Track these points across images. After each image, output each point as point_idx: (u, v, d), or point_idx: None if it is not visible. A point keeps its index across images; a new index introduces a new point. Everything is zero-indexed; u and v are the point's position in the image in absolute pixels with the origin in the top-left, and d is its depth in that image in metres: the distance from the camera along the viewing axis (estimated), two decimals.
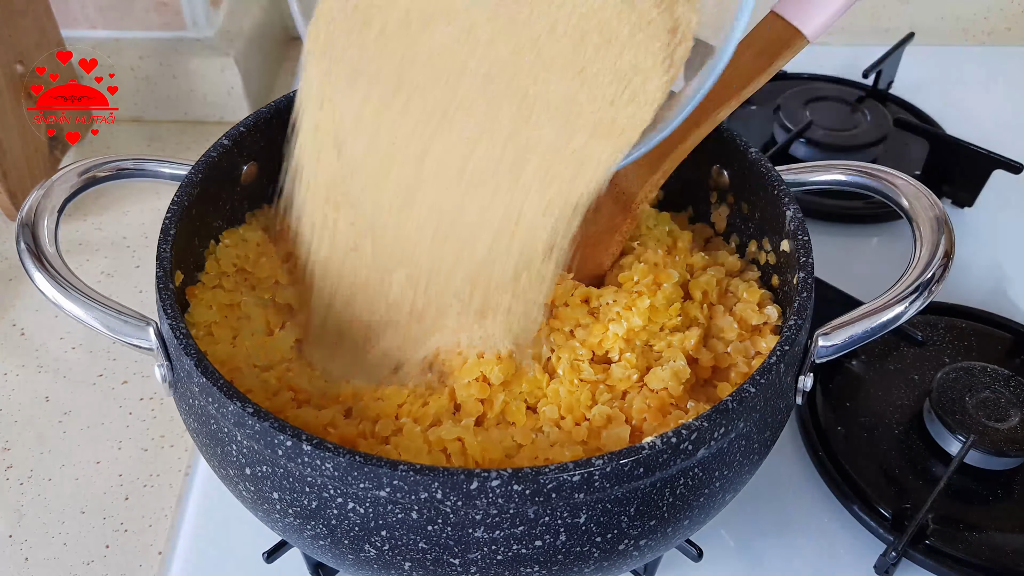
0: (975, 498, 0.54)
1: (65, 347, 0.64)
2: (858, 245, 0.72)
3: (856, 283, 0.60)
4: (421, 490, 0.34)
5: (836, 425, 0.57)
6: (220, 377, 0.38)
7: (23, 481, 0.56)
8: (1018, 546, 0.51)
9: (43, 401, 0.61)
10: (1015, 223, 0.74)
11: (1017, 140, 0.76)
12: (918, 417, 0.57)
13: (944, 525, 0.51)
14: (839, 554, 0.53)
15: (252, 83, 0.83)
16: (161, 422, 0.59)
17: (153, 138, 0.82)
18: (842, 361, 0.60)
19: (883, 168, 0.48)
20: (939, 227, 0.44)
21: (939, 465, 0.55)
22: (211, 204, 0.50)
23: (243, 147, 0.51)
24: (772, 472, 0.51)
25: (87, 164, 0.48)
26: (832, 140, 0.76)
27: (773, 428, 0.43)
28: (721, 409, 0.37)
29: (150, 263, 0.43)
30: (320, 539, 0.38)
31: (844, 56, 0.85)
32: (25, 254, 0.43)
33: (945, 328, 0.62)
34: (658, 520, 0.38)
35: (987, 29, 0.95)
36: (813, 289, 0.43)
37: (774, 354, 0.40)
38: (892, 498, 0.53)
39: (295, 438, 0.35)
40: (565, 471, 0.34)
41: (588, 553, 0.37)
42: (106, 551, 0.53)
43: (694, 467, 0.38)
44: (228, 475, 0.41)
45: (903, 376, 0.60)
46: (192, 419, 0.41)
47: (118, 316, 0.42)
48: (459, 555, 0.36)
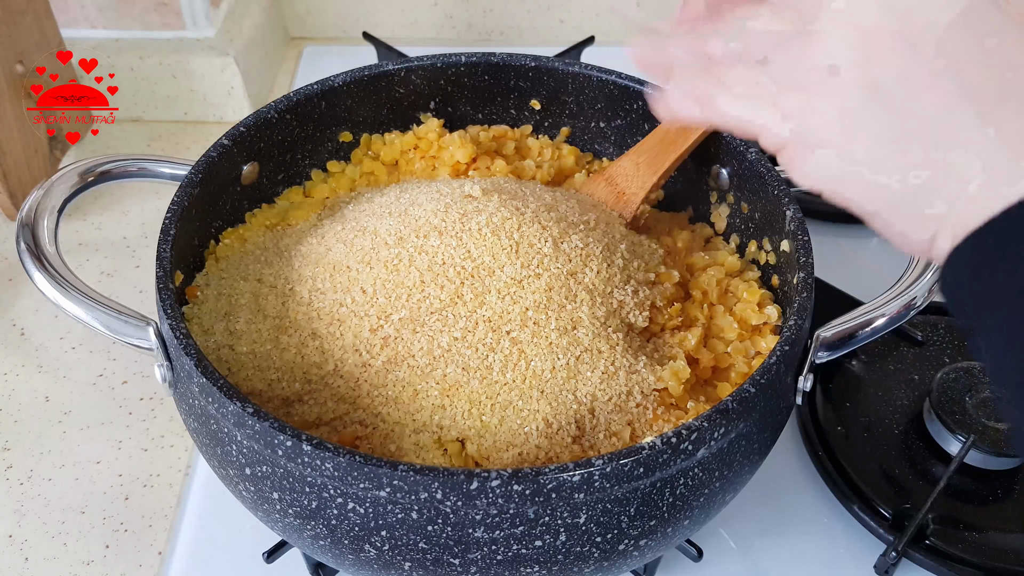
0: (975, 498, 0.54)
1: (65, 347, 0.64)
2: (858, 245, 0.72)
3: (856, 283, 0.60)
4: (421, 490, 0.34)
5: (836, 425, 0.57)
6: (220, 377, 0.38)
7: (23, 481, 0.56)
8: (1018, 546, 0.51)
9: (43, 401, 0.61)
10: None
11: None
12: (918, 417, 0.57)
13: (944, 525, 0.51)
14: (839, 554, 0.53)
15: (252, 83, 0.83)
16: (161, 422, 0.59)
17: (153, 138, 0.82)
18: (842, 361, 0.60)
19: None
20: None
21: (939, 465, 0.55)
22: (211, 204, 0.50)
23: (243, 147, 0.51)
24: (772, 472, 0.51)
25: (87, 164, 0.48)
26: None
27: (773, 428, 0.43)
28: (721, 409, 0.37)
29: (150, 263, 0.43)
30: (320, 539, 0.38)
31: None
32: (25, 254, 0.43)
33: (945, 328, 0.62)
34: (658, 520, 0.38)
35: None
36: (813, 289, 0.43)
37: (774, 354, 0.40)
38: (892, 498, 0.53)
39: (295, 438, 0.35)
40: (565, 471, 0.34)
41: (588, 553, 0.37)
42: (106, 551, 0.53)
43: (694, 467, 0.38)
44: (228, 475, 0.41)
45: (903, 376, 0.60)
46: (192, 419, 0.41)
47: (118, 316, 0.42)
48: (459, 555, 0.36)
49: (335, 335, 0.44)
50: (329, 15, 0.94)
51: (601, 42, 0.85)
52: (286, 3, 0.94)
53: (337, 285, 0.45)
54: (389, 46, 0.82)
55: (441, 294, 0.43)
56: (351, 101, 0.56)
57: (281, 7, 0.94)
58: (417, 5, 0.93)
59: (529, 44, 0.95)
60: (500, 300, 0.43)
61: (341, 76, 0.55)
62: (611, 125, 0.58)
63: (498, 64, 0.57)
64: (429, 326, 0.43)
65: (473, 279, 0.43)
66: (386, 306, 0.44)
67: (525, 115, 0.59)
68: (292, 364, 0.44)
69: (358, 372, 0.43)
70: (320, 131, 0.56)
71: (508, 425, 0.41)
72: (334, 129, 0.57)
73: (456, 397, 0.42)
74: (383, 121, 0.58)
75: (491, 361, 0.42)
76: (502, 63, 0.57)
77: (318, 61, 0.91)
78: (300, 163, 0.56)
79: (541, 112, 0.59)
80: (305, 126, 0.55)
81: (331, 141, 0.57)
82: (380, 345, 0.43)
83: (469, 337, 0.42)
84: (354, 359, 0.43)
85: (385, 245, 0.45)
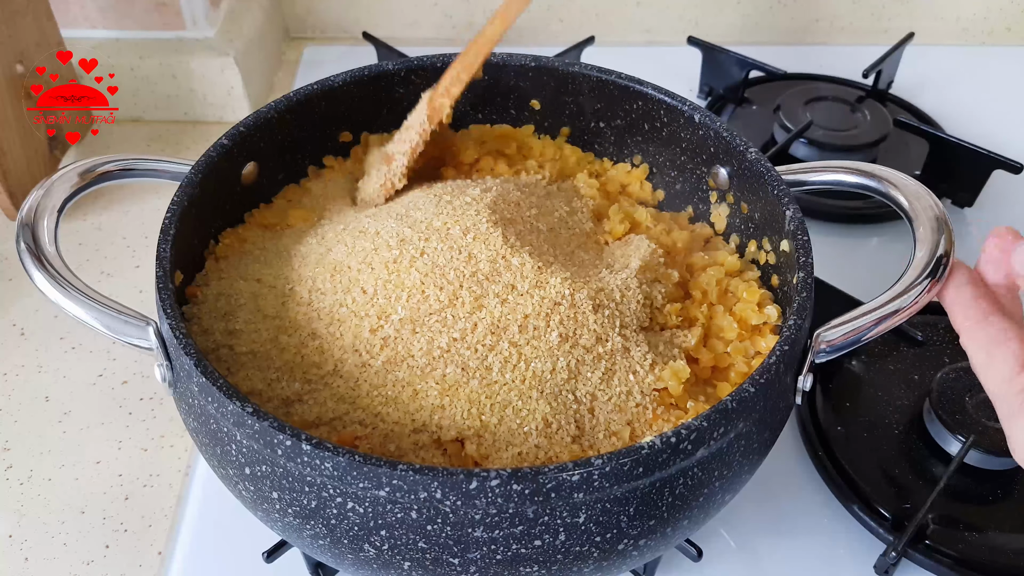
0: (975, 498, 0.54)
1: (65, 347, 0.64)
2: (858, 245, 0.72)
3: (856, 283, 0.60)
4: (420, 490, 0.34)
5: (836, 425, 0.57)
6: (220, 377, 0.38)
7: (23, 481, 0.56)
8: (1018, 546, 0.51)
9: (43, 401, 0.61)
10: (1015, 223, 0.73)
11: (1017, 140, 0.76)
12: (918, 417, 0.57)
13: (944, 525, 0.51)
14: (839, 554, 0.53)
15: (252, 83, 0.83)
16: (161, 422, 0.59)
17: (153, 138, 0.82)
18: (842, 361, 0.60)
19: (883, 168, 0.48)
20: (939, 227, 0.44)
21: (939, 465, 0.55)
22: (211, 204, 0.50)
23: (243, 147, 0.51)
24: (772, 472, 0.51)
25: (88, 164, 0.48)
26: (832, 140, 0.76)
27: (773, 428, 0.43)
28: (721, 409, 0.37)
29: (150, 263, 0.43)
30: (319, 539, 0.38)
31: (844, 56, 0.85)
32: (25, 254, 0.43)
33: (945, 328, 0.62)
34: (657, 520, 0.38)
35: (987, 29, 0.95)
36: (813, 289, 0.43)
37: (774, 354, 0.40)
38: (892, 498, 0.53)
39: (294, 438, 0.35)
40: (564, 471, 0.34)
41: (587, 553, 0.37)
42: (106, 551, 0.53)
43: (693, 467, 0.38)
44: (228, 475, 0.41)
45: (903, 376, 0.60)
46: (192, 418, 0.41)
47: (118, 316, 0.42)
48: (458, 555, 0.36)
49: (335, 335, 0.44)
50: (329, 15, 0.95)
51: (601, 42, 0.85)
52: (286, 3, 0.94)
53: (337, 286, 0.45)
54: (389, 46, 0.82)
55: (441, 295, 0.43)
56: (351, 101, 0.56)
57: (281, 7, 0.94)
58: (417, 5, 0.93)
59: (528, 44, 0.95)
60: (500, 304, 0.43)
61: (341, 76, 0.55)
62: (611, 125, 0.58)
63: (498, 64, 0.57)
64: (428, 327, 0.43)
65: (472, 282, 0.44)
66: (386, 306, 0.44)
67: (525, 115, 0.59)
68: (291, 364, 0.44)
69: (357, 372, 0.43)
70: (320, 131, 0.56)
71: (507, 425, 0.41)
72: (334, 129, 0.57)
73: (455, 397, 0.42)
74: (383, 121, 0.58)
75: (490, 362, 0.42)
76: (502, 63, 0.57)
77: (318, 61, 0.91)
78: (300, 163, 0.56)
79: (541, 112, 0.59)
80: (305, 126, 0.55)
81: (331, 141, 0.57)
82: (380, 345, 0.43)
83: (468, 338, 0.43)
84: (353, 359, 0.43)
85: (387, 247, 0.45)
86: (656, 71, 0.57)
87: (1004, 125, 0.82)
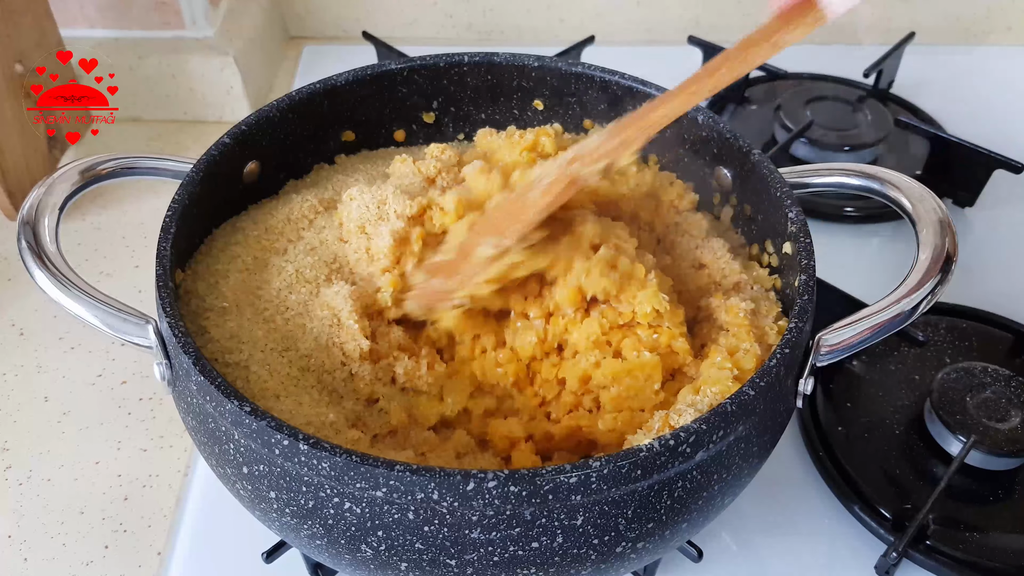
0: (975, 498, 0.53)
1: (64, 347, 0.64)
2: (859, 245, 0.72)
3: (857, 283, 0.60)
4: (417, 490, 0.34)
5: (837, 425, 0.57)
6: (218, 376, 0.38)
7: (23, 481, 0.56)
8: (1018, 546, 0.51)
9: (42, 401, 0.61)
10: (1016, 223, 0.74)
11: (1017, 140, 0.76)
12: (919, 417, 0.57)
13: (944, 525, 0.51)
14: (840, 555, 0.52)
15: (252, 83, 0.83)
16: (160, 422, 0.59)
17: (153, 138, 0.82)
18: (843, 362, 0.60)
19: (886, 171, 0.48)
20: (942, 230, 0.44)
21: (940, 465, 0.54)
22: (212, 202, 0.50)
23: (245, 146, 0.51)
24: (773, 473, 0.51)
25: (88, 162, 0.48)
26: (833, 140, 0.76)
27: (773, 431, 0.43)
28: (719, 412, 0.37)
29: (149, 262, 0.43)
30: (317, 539, 0.38)
31: (844, 56, 0.85)
32: (26, 252, 0.43)
33: (946, 328, 0.62)
34: (656, 523, 0.38)
35: (987, 29, 0.95)
36: (815, 292, 0.43)
37: (774, 356, 0.40)
38: (893, 498, 0.53)
39: (292, 437, 0.35)
40: (562, 473, 0.34)
41: (585, 555, 0.37)
42: (105, 551, 0.53)
43: (692, 470, 0.37)
44: (226, 474, 0.41)
45: (904, 376, 0.60)
46: (190, 417, 0.41)
47: (118, 314, 0.42)
48: (455, 556, 0.36)
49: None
50: (329, 15, 0.94)
51: (601, 42, 0.85)
52: (286, 3, 0.93)
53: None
54: (389, 46, 0.82)
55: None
56: (353, 100, 0.56)
57: (281, 7, 0.93)
58: (417, 5, 0.93)
59: (529, 44, 0.95)
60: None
61: (343, 75, 0.55)
62: None
63: (501, 64, 0.56)
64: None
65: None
66: None
67: (528, 115, 0.59)
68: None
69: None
70: (322, 130, 0.56)
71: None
72: (336, 128, 0.57)
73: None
74: (385, 120, 0.58)
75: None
76: (505, 63, 0.56)
77: (318, 61, 0.91)
78: (301, 162, 0.56)
79: (544, 112, 0.59)
80: (307, 125, 0.55)
81: (333, 140, 0.57)
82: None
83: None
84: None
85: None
86: (656, 71, 0.57)
87: (1004, 125, 0.82)
